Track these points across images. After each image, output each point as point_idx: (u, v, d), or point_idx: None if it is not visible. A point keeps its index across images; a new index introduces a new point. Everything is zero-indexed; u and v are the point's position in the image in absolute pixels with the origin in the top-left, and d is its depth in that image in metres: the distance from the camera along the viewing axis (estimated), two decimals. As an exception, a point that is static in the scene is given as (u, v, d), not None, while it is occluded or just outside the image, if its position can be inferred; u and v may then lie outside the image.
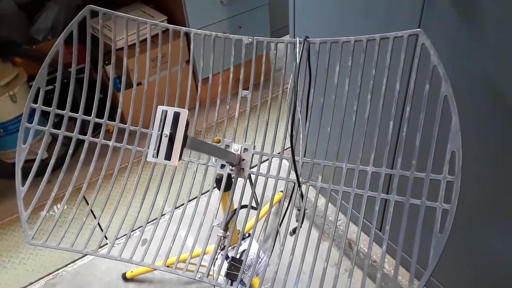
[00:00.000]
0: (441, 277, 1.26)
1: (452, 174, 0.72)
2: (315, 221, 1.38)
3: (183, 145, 0.72)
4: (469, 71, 0.91)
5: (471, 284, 1.20)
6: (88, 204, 1.04)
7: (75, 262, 1.73)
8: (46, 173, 1.02)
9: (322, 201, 1.08)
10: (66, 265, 1.72)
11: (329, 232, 1.43)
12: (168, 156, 0.71)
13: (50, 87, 1.18)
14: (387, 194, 0.82)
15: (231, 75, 1.03)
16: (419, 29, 0.78)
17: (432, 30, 0.83)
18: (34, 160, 1.03)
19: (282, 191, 1.68)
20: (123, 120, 1.08)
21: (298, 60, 0.92)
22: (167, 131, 0.71)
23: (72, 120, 1.07)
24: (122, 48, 1.09)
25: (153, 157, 0.72)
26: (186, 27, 2.08)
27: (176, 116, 0.71)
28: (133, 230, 1.00)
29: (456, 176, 0.71)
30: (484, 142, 0.96)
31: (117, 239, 1.00)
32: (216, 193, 1.03)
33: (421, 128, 0.77)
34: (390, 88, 0.83)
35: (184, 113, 0.71)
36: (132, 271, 1.62)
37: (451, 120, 0.73)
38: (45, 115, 1.08)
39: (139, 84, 1.08)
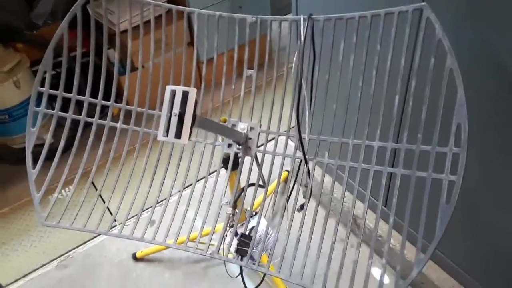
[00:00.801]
0: (445, 250, 1.29)
1: (458, 146, 0.73)
2: (322, 199, 1.40)
3: (193, 123, 0.73)
4: (473, 43, 0.91)
5: (474, 255, 1.23)
6: (97, 187, 1.06)
7: (86, 244, 1.76)
8: (56, 155, 1.03)
9: (328, 179, 1.09)
10: (77, 247, 1.76)
11: (335, 209, 1.45)
12: (178, 135, 0.72)
13: (53, 72, 1.19)
14: (393, 168, 0.84)
15: (235, 55, 1.04)
16: (423, 3, 0.78)
17: (436, 3, 0.83)
18: (40, 145, 1.05)
19: (287, 170, 1.70)
20: (129, 103, 1.09)
21: (302, 38, 0.92)
22: (176, 110, 0.72)
23: (76, 104, 1.08)
24: (125, 31, 1.09)
25: (163, 136, 0.73)
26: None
27: (185, 95, 0.72)
28: (143, 211, 1.02)
29: (462, 147, 0.72)
30: (489, 114, 0.97)
31: (127, 219, 1.01)
32: (224, 173, 1.04)
33: (427, 102, 0.78)
34: (396, 63, 0.83)
35: (192, 92, 0.72)
36: (142, 251, 1.65)
37: (456, 93, 0.74)
38: (49, 99, 1.09)
39: (142, 67, 1.09)
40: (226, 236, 1.03)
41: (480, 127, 0.97)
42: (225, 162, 1.07)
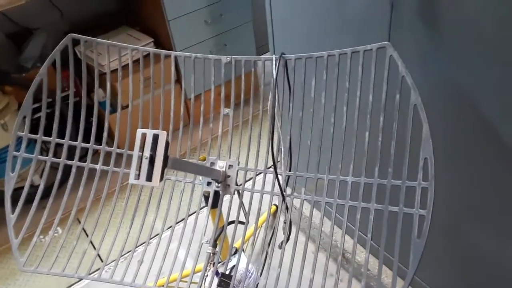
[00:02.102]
0: (425, 276, 1.28)
1: (426, 180, 0.74)
2: (305, 232, 1.40)
3: (164, 165, 0.74)
4: (437, 79, 0.94)
5: (454, 281, 1.21)
6: (78, 229, 1.06)
7: (72, 286, 1.73)
8: (35, 199, 1.03)
9: (316, 213, 1.09)
10: (63, 290, 1.73)
11: (323, 244, 1.44)
12: (149, 178, 0.73)
13: (39, 114, 1.20)
14: (367, 203, 0.84)
15: (212, 94, 1.06)
16: (386, 42, 0.81)
17: (400, 42, 0.86)
18: (23, 187, 1.05)
19: (274, 204, 1.70)
20: (111, 144, 1.10)
21: (275, 76, 0.95)
22: (147, 153, 0.73)
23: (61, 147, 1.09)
24: (104, 74, 1.12)
25: (134, 179, 0.73)
26: (172, 48, 2.11)
27: (156, 138, 0.73)
28: (123, 255, 1.01)
29: (429, 182, 0.73)
30: (456, 146, 0.98)
31: (107, 264, 1.01)
32: (205, 210, 1.04)
33: (395, 137, 0.80)
34: (364, 99, 0.85)
35: (162, 135, 0.73)
36: (128, 293, 1.62)
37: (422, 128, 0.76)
38: (35, 142, 1.09)
39: (126, 107, 1.11)
40: (207, 276, 1.02)
41: (449, 158, 0.98)
42: (206, 199, 1.07)
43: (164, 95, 1.08)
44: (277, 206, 1.75)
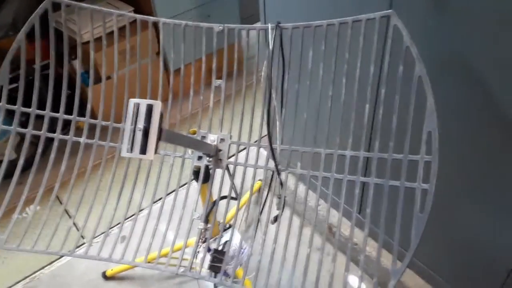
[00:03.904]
0: (421, 256, 1.29)
1: (429, 154, 0.73)
2: (296, 209, 1.38)
3: (159, 138, 0.70)
4: (442, 50, 0.92)
5: (450, 261, 1.23)
6: (62, 204, 1.01)
7: (52, 264, 1.68)
8: (15, 174, 0.98)
9: (302, 188, 1.07)
10: (43, 267, 1.67)
11: (310, 219, 1.44)
12: (143, 150, 0.69)
13: (15, 85, 1.13)
14: (366, 177, 0.83)
15: (203, 65, 1.01)
16: (390, 10, 0.78)
17: (403, 10, 0.83)
18: (1, 161, 0.99)
19: (260, 180, 1.68)
20: (93, 116, 1.05)
21: (271, 47, 0.91)
22: (140, 124, 0.69)
23: (40, 118, 1.03)
24: (88, 42, 1.05)
25: (127, 152, 0.69)
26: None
27: (150, 109, 0.69)
28: (111, 228, 0.98)
29: (433, 156, 0.72)
30: (460, 120, 0.97)
31: (94, 237, 0.97)
32: (195, 186, 1.01)
33: (397, 110, 0.78)
34: (365, 71, 0.82)
35: (157, 105, 0.69)
36: (112, 269, 1.59)
37: (426, 101, 0.74)
38: (11, 114, 1.03)
39: (108, 78, 1.05)
40: (199, 252, 1.00)
41: (452, 133, 0.97)
42: (195, 174, 1.04)
43: (144, 68, 1.03)
44: (261, 182, 1.74)
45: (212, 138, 1.01)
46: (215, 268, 0.94)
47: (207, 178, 1.03)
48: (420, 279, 1.32)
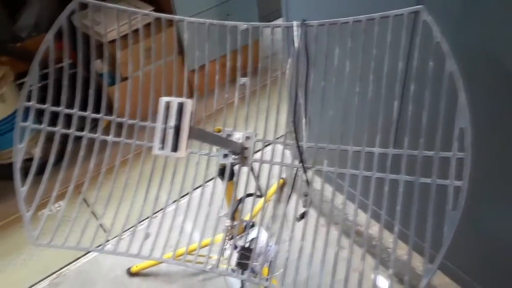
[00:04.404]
0: (448, 254, 1.27)
1: (461, 150, 0.72)
2: (322, 207, 1.38)
3: (189, 136, 0.70)
4: (473, 45, 0.90)
5: (476, 259, 1.21)
6: (89, 202, 1.02)
7: (79, 260, 1.72)
8: (46, 171, 1.00)
9: (327, 188, 1.06)
10: (69, 264, 1.71)
11: (336, 218, 1.43)
12: (174, 148, 0.69)
13: (40, 84, 1.15)
14: (396, 174, 0.82)
15: (228, 63, 1.01)
16: (420, 6, 0.77)
17: (432, 5, 0.82)
18: (27, 160, 1.01)
19: (282, 178, 1.68)
20: (119, 115, 1.06)
21: (297, 44, 0.91)
22: (172, 122, 0.70)
23: (65, 117, 1.04)
24: (112, 41, 1.07)
25: (159, 149, 0.70)
26: (175, 16, 2.03)
27: (180, 107, 0.70)
28: (140, 222, 0.99)
29: (466, 152, 0.71)
30: (494, 115, 0.95)
31: (122, 233, 0.98)
32: (220, 183, 1.02)
33: (427, 106, 0.77)
34: (393, 67, 0.82)
35: (188, 103, 0.69)
36: (137, 266, 1.61)
37: (457, 96, 0.73)
38: (37, 113, 1.05)
39: (125, 79, 1.06)
40: (225, 249, 1.00)
41: (485, 129, 0.95)
42: (221, 172, 1.04)
43: (168, 65, 1.04)
44: (283, 180, 1.74)
45: (237, 136, 1.02)
46: (242, 265, 0.95)
47: (233, 175, 1.03)
48: (447, 277, 1.30)
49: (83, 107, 1.04)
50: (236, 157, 1.02)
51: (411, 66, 0.79)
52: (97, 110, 1.05)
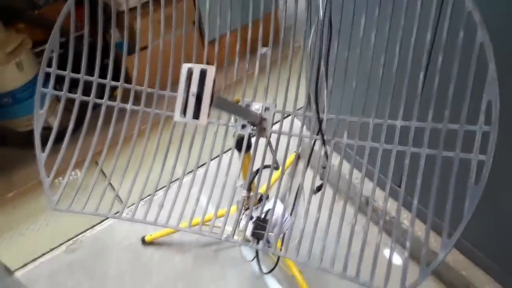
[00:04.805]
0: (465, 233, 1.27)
1: (488, 124, 0.70)
2: (338, 184, 1.38)
3: (211, 103, 0.70)
4: (506, 15, 0.87)
5: (490, 236, 1.21)
6: (107, 170, 1.03)
7: (94, 227, 1.75)
8: (66, 137, 1.01)
9: (345, 164, 1.06)
10: (85, 230, 1.75)
11: (353, 194, 1.42)
12: (196, 115, 0.69)
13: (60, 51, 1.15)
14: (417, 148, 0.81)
15: (249, 32, 1.00)
16: (452, -26, 0.74)
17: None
18: (44, 128, 1.02)
19: (297, 152, 1.67)
20: (138, 84, 1.06)
21: (321, 13, 0.88)
22: (194, 89, 0.69)
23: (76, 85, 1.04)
24: (132, 9, 1.05)
25: (180, 116, 0.70)
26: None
27: (203, 74, 0.69)
28: (157, 191, 1.00)
29: (492, 125, 0.69)
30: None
31: (140, 201, 0.99)
32: (237, 154, 1.01)
33: (455, 78, 0.75)
34: (421, 38, 0.79)
35: (211, 70, 0.69)
36: (151, 235, 1.64)
37: (485, 69, 0.71)
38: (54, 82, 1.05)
39: (145, 48, 1.05)
40: (241, 219, 1.01)
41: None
42: (238, 143, 1.04)
43: (187, 35, 1.02)
44: (297, 154, 1.73)
45: (256, 107, 1.01)
46: (258, 235, 0.95)
47: (250, 146, 1.03)
48: (461, 254, 1.30)
49: (103, 76, 1.04)
50: (254, 128, 1.01)
51: (440, 36, 0.77)
52: (116, 79, 1.05)
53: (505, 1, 0.86)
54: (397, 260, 0.88)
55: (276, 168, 1.02)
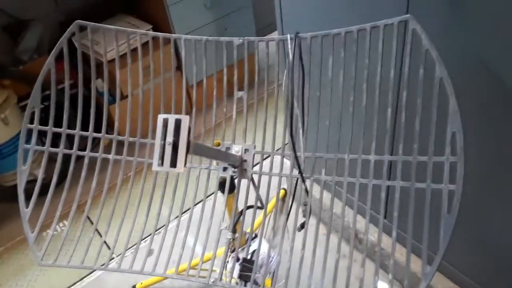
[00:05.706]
0: (451, 259, 1.28)
1: (454, 154, 0.73)
2: (321, 216, 1.39)
3: (187, 151, 0.72)
4: (462, 50, 0.92)
5: (479, 263, 1.21)
6: (92, 220, 1.04)
7: (83, 280, 1.72)
8: (50, 191, 1.01)
9: (326, 196, 1.07)
10: (74, 283, 1.71)
11: (336, 226, 1.44)
12: (173, 164, 0.71)
13: (41, 106, 1.17)
14: (392, 180, 0.83)
15: (224, 77, 1.04)
16: (408, 15, 0.79)
17: (420, 13, 0.84)
18: (31, 181, 1.03)
19: (283, 188, 1.69)
20: (120, 133, 1.08)
21: (291, 57, 0.93)
22: (170, 139, 0.71)
23: (67, 137, 1.06)
24: (111, 61, 1.09)
25: (158, 166, 0.72)
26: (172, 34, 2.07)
27: (178, 123, 0.71)
28: (142, 239, 1.00)
29: (459, 156, 0.72)
30: (485, 119, 0.96)
31: (126, 251, 0.99)
32: (221, 196, 1.03)
33: (420, 113, 0.78)
34: (385, 76, 0.83)
35: (185, 120, 0.71)
36: (141, 283, 1.61)
37: (448, 102, 0.74)
38: (39, 134, 1.07)
39: (125, 97, 1.08)
40: (228, 262, 1.01)
41: (477, 133, 0.97)
42: (221, 185, 1.06)
43: (166, 82, 1.06)
44: (285, 190, 1.74)
45: (236, 149, 1.03)
46: (245, 277, 0.96)
47: (233, 188, 1.05)
48: (450, 282, 1.30)
49: (84, 127, 1.07)
50: (236, 170, 1.03)
51: (403, 73, 0.81)
52: (98, 129, 1.07)
53: (460, 36, 0.90)
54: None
55: (260, 208, 1.04)
